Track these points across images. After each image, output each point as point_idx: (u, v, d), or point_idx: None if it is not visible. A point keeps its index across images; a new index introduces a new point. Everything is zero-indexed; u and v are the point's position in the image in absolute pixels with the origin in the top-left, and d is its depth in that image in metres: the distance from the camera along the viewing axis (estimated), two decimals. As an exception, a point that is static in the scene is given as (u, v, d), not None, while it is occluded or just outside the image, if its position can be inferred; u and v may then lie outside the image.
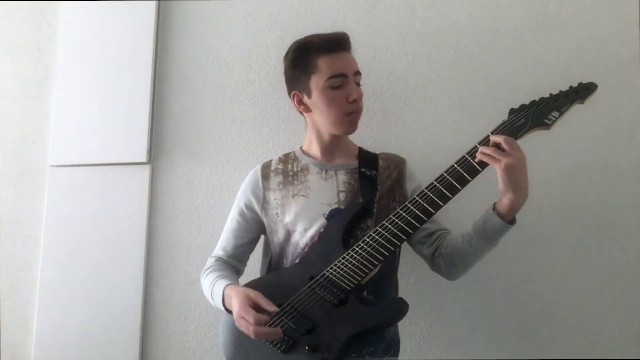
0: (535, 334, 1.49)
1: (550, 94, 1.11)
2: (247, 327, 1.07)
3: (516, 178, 1.05)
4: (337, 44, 1.23)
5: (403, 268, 1.50)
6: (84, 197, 1.76)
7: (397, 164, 1.34)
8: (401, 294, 1.33)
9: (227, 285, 1.18)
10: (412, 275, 1.54)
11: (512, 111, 1.13)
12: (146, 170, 1.74)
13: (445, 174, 1.11)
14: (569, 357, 1.45)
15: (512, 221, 1.10)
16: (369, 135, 1.61)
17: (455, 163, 1.11)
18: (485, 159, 1.06)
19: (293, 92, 1.29)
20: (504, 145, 1.05)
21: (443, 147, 1.58)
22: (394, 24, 1.66)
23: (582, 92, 1.09)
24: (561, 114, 1.08)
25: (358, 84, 1.25)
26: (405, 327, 1.18)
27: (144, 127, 1.73)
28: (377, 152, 1.38)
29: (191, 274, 1.67)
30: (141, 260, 1.70)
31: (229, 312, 1.16)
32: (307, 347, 1.08)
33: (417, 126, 1.61)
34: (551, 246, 1.51)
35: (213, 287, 1.22)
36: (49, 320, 1.72)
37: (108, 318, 1.68)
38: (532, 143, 1.13)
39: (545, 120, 1.09)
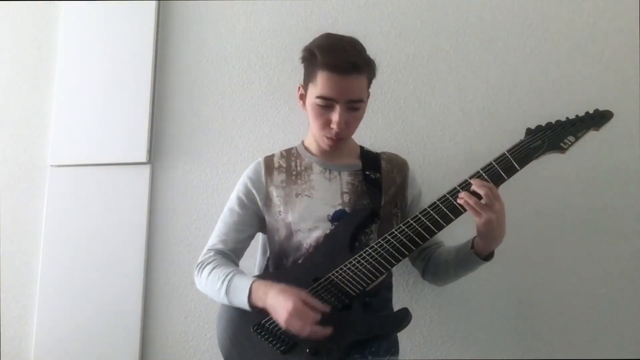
0: (535, 334, 1.49)
1: (567, 118, 1.13)
2: (304, 326, 1.04)
3: (493, 231, 1.08)
4: (340, 67, 1.13)
5: (403, 268, 1.50)
6: (84, 197, 1.76)
7: (400, 168, 1.33)
8: (401, 294, 1.34)
9: (255, 280, 1.15)
10: (412, 275, 1.54)
11: (529, 131, 1.14)
12: (146, 170, 1.74)
13: (458, 187, 1.12)
14: (569, 357, 1.45)
15: (488, 257, 1.16)
16: (369, 135, 1.61)
17: (458, 186, 1.12)
18: (467, 207, 1.08)
19: (300, 84, 1.25)
20: (485, 199, 1.06)
21: (443, 147, 1.58)
22: (394, 24, 1.66)
23: (598, 119, 1.12)
24: (577, 139, 1.11)
25: (354, 109, 1.18)
26: (405, 327, 1.18)
27: (144, 127, 1.73)
28: (378, 152, 1.38)
29: (191, 274, 1.64)
30: (141, 260, 1.70)
31: (252, 307, 1.13)
32: (307, 350, 1.07)
33: (417, 126, 1.61)
34: (551, 247, 1.51)
35: (230, 282, 1.17)
36: (49, 320, 1.72)
37: (108, 318, 1.68)
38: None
39: (561, 144, 1.11)
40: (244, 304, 1.14)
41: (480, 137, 1.55)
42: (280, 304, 1.07)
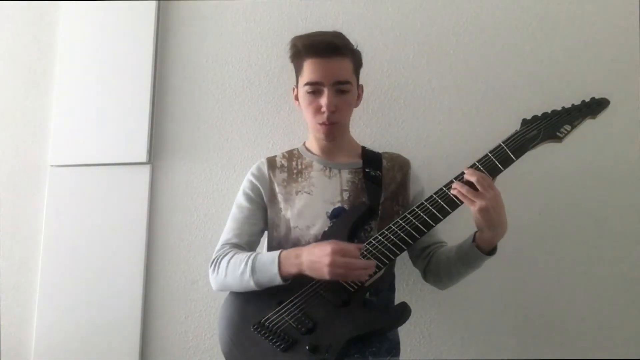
0: (535, 334, 1.49)
1: (563, 107, 1.12)
2: (348, 263, 1.05)
3: (491, 219, 1.06)
4: (322, 49, 1.18)
5: (403, 268, 1.50)
6: (84, 197, 1.76)
7: (401, 166, 1.33)
8: (401, 294, 1.34)
9: (282, 251, 1.15)
10: (412, 275, 1.53)
11: (525, 122, 1.13)
12: (146, 170, 1.74)
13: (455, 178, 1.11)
14: (569, 357, 1.45)
15: (491, 251, 1.13)
16: (369, 135, 1.61)
17: (465, 168, 1.11)
18: (460, 197, 1.08)
19: (294, 86, 1.30)
20: (477, 186, 1.06)
21: (443, 147, 1.58)
22: (394, 24, 1.66)
23: (594, 107, 1.11)
24: (573, 127, 1.10)
25: (343, 92, 1.21)
26: (405, 327, 1.18)
27: (144, 127, 1.73)
28: (380, 152, 1.38)
29: (191, 274, 1.67)
30: (141, 260, 1.70)
31: (285, 278, 1.12)
32: (307, 347, 1.08)
33: (417, 126, 1.61)
34: (551, 246, 1.51)
35: (254, 261, 1.15)
36: (49, 320, 1.72)
37: (108, 318, 1.68)
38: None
39: (557, 133, 1.10)
40: (274, 276, 1.12)
41: (480, 137, 1.55)
42: (318, 254, 1.08)
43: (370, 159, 1.32)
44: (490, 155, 1.10)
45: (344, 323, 1.09)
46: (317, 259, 1.07)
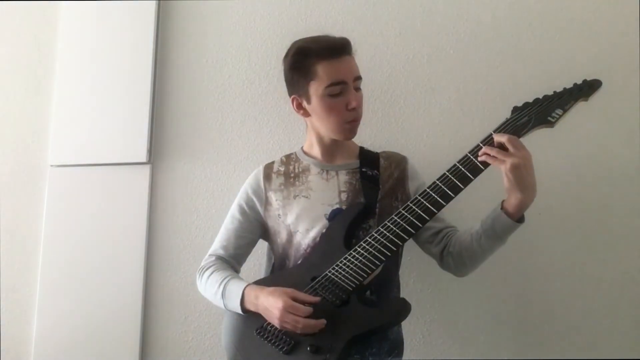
0: (535, 334, 1.49)
1: (554, 92, 1.09)
2: (296, 321, 1.06)
3: (522, 178, 1.03)
4: (337, 49, 1.18)
5: (403, 268, 1.49)
6: (84, 197, 1.76)
7: (399, 163, 1.33)
8: (401, 294, 1.33)
9: (248, 285, 1.18)
10: (412, 275, 1.54)
11: (515, 109, 1.11)
12: (146, 170, 1.74)
13: (447, 173, 1.09)
14: (569, 357, 1.45)
15: (520, 219, 1.10)
16: (369, 135, 1.61)
17: (458, 162, 1.09)
18: (488, 160, 1.05)
19: (292, 96, 1.26)
20: (508, 146, 1.03)
21: (443, 147, 1.58)
22: (394, 24, 1.66)
23: (586, 89, 1.08)
24: (565, 111, 1.07)
25: (358, 89, 1.22)
26: (405, 327, 1.19)
27: (144, 127, 1.73)
28: (378, 151, 1.38)
29: (191, 274, 1.66)
30: (141, 260, 1.70)
31: (246, 312, 1.16)
32: (308, 348, 1.08)
33: (417, 126, 1.61)
34: (551, 246, 1.51)
35: (225, 286, 1.20)
36: (49, 320, 1.72)
37: (108, 318, 1.68)
38: (532, 141, 1.13)
39: (549, 118, 1.07)
40: (237, 308, 1.17)
41: (480, 137, 1.55)
42: (271, 304, 1.10)
43: (368, 159, 1.32)
44: (481, 145, 1.08)
45: (344, 322, 1.09)
46: (270, 308, 1.10)
